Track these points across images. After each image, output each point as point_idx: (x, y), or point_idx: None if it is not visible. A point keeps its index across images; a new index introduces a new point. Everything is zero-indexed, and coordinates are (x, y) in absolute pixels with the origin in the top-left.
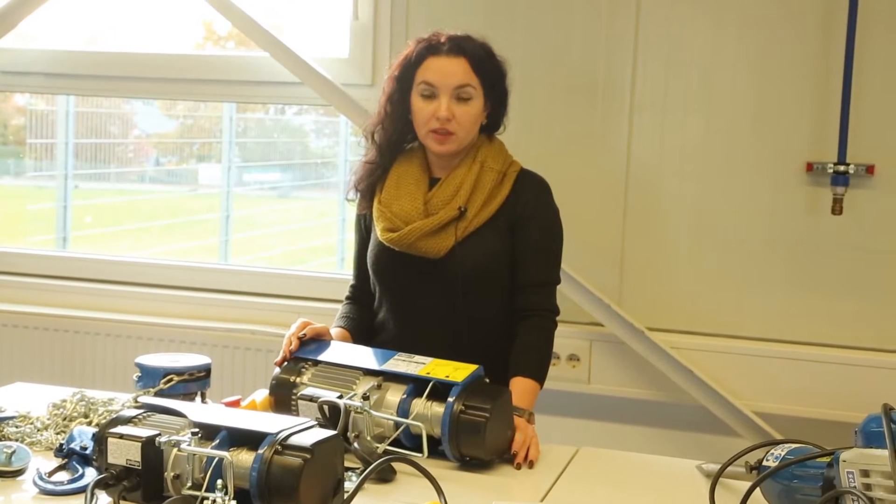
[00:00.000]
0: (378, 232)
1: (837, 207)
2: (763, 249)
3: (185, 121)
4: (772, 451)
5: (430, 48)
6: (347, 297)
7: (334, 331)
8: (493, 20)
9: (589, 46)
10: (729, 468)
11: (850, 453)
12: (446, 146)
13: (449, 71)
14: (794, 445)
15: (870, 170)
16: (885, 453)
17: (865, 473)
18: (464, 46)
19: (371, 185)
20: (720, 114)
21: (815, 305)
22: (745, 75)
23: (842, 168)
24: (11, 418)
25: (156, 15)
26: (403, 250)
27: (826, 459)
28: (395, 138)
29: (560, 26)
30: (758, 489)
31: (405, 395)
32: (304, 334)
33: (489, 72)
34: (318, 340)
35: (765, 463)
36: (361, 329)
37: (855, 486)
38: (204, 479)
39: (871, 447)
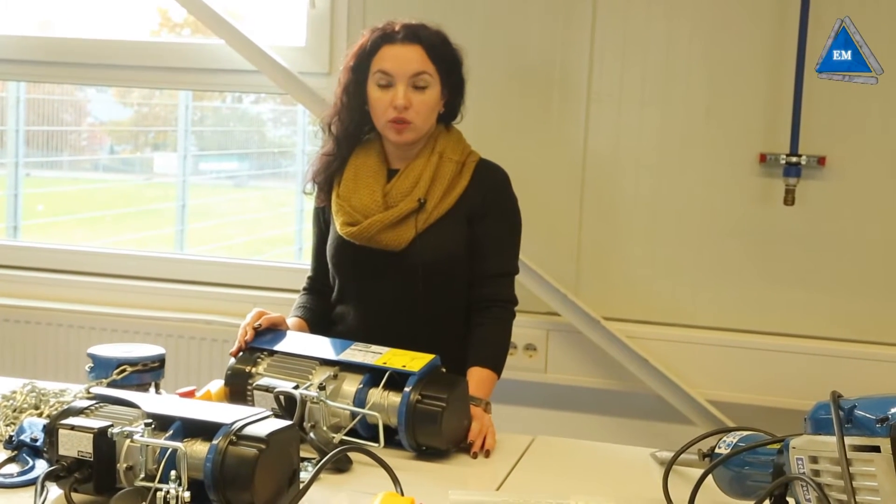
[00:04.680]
0: (337, 226)
1: (789, 198)
2: (717, 239)
3: (140, 109)
4: (724, 438)
5: (385, 37)
6: (305, 288)
7: (291, 321)
8: (450, 9)
9: (546, 37)
10: (682, 456)
11: (800, 440)
12: (404, 135)
13: (405, 59)
14: (745, 433)
15: (821, 161)
16: (832, 440)
17: (814, 460)
18: (419, 34)
19: (329, 177)
20: (675, 105)
21: (767, 295)
22: (699, 67)
23: (794, 159)
24: None
25: (110, 0)
26: (363, 244)
27: (776, 446)
28: (351, 129)
29: (517, 16)
30: (710, 476)
31: (361, 385)
32: (260, 324)
33: (445, 59)
34: (273, 330)
35: (717, 450)
36: (318, 319)
37: (804, 473)
38: (157, 470)
39: (820, 434)
